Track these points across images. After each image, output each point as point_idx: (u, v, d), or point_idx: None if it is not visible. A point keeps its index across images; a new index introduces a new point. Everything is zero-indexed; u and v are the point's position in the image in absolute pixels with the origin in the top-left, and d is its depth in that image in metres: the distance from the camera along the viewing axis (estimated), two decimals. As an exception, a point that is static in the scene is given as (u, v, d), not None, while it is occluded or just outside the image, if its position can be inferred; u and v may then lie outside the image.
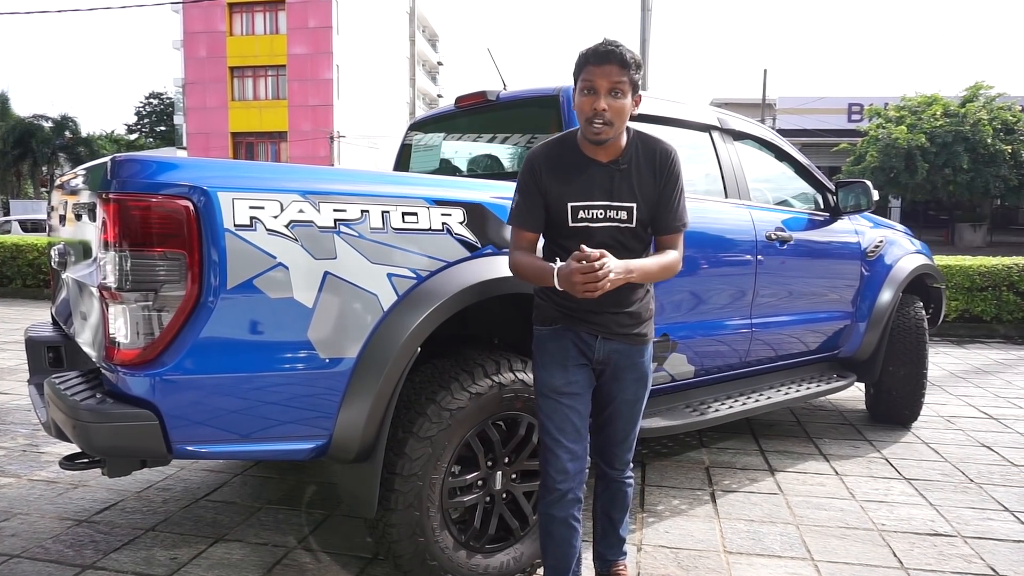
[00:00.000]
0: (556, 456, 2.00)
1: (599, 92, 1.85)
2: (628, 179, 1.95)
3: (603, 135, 1.87)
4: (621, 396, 2.07)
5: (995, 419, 4.65)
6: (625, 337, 2.01)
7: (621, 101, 1.86)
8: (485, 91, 3.30)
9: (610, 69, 1.84)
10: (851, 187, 3.92)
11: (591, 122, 1.86)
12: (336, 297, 1.99)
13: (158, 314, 1.82)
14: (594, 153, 1.95)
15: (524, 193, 1.99)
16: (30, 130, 34.85)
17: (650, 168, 1.96)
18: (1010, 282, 7.80)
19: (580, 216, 1.94)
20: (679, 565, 2.59)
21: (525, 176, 1.99)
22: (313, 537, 2.77)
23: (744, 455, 3.83)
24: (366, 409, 2.03)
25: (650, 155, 1.97)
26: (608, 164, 1.95)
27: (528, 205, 1.98)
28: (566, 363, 2.00)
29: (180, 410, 1.85)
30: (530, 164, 1.98)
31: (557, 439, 2.00)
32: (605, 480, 2.20)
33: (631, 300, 2.00)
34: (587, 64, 1.87)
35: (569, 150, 1.98)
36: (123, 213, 1.80)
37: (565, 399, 1.99)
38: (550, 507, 2.02)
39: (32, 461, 3.55)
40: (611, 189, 1.94)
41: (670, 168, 1.97)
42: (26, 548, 2.62)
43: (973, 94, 23.83)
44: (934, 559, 2.66)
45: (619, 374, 2.05)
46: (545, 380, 2.03)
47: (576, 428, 2.01)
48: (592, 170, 1.94)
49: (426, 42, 57.82)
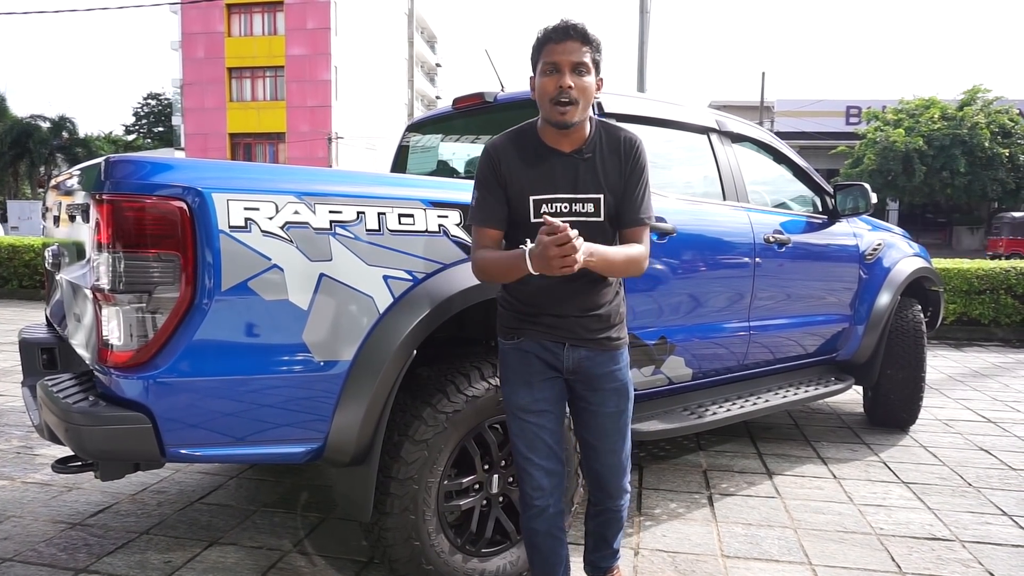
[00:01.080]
0: (529, 475, 1.93)
1: (562, 70, 1.74)
2: (593, 169, 1.83)
3: (569, 115, 1.75)
4: (602, 410, 1.94)
5: (993, 423, 4.64)
6: (594, 343, 1.89)
7: (586, 79, 1.76)
8: (483, 92, 3.29)
9: (572, 46, 1.75)
10: (849, 190, 3.91)
11: (556, 102, 1.74)
12: (331, 299, 1.98)
13: (152, 316, 1.81)
14: (556, 143, 1.83)
15: (484, 188, 1.86)
16: (27, 130, 34.82)
17: (615, 157, 1.85)
18: (1008, 285, 7.81)
19: (543, 211, 1.81)
20: (676, 569, 2.57)
21: (484, 169, 1.86)
22: (308, 541, 2.75)
23: (742, 458, 3.82)
24: (361, 412, 2.02)
25: (614, 144, 1.86)
26: (571, 154, 1.83)
27: (489, 200, 1.85)
28: (531, 379, 1.90)
29: (174, 413, 1.83)
30: (488, 156, 1.86)
31: (528, 458, 1.92)
32: (599, 508, 2.07)
33: (598, 302, 1.89)
34: (547, 43, 1.77)
35: (530, 140, 1.86)
36: (117, 214, 1.78)
37: (532, 417, 1.90)
38: (531, 521, 1.97)
39: (26, 463, 3.53)
40: (575, 180, 1.82)
41: (635, 157, 1.86)
42: (19, 551, 2.60)
43: (971, 97, 23.91)
44: (932, 563, 2.65)
45: (595, 384, 1.92)
46: (510, 398, 1.93)
47: (547, 445, 1.92)
48: (555, 161, 1.83)
49: (424, 44, 57.85)
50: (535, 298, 1.87)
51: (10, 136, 34.19)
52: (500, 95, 3.28)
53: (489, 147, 1.88)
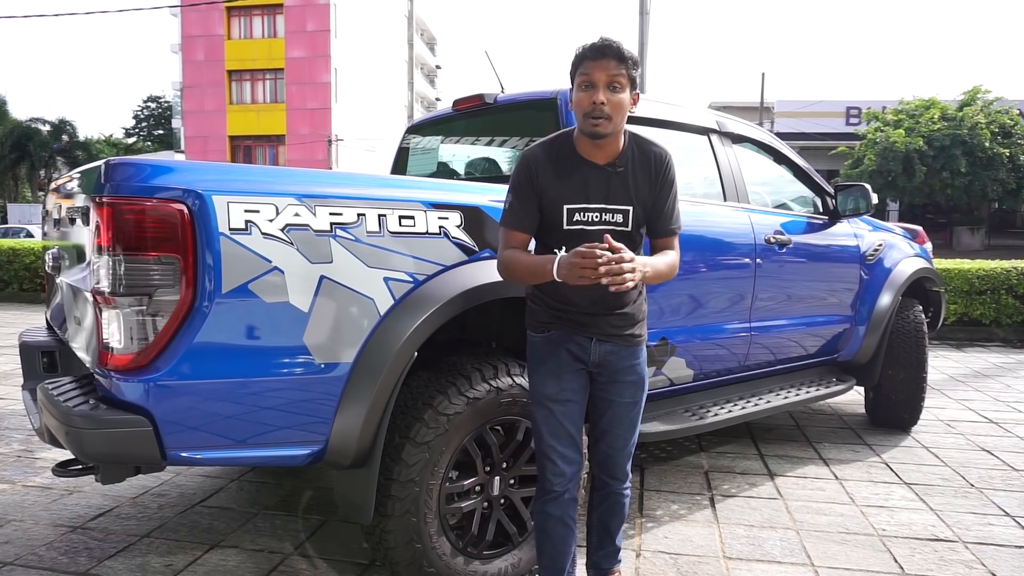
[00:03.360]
0: (552, 461, 2.03)
1: (597, 86, 1.84)
2: (624, 182, 1.93)
3: (602, 128, 1.85)
4: (619, 400, 2.05)
5: (995, 423, 4.63)
6: (619, 338, 2.00)
7: (620, 95, 1.85)
8: (483, 94, 3.29)
9: (607, 63, 1.84)
10: (850, 190, 3.91)
11: (589, 116, 1.85)
12: (332, 301, 1.98)
13: (152, 319, 1.80)
14: (591, 155, 1.93)
15: (518, 194, 1.95)
16: (28, 134, 34.87)
17: (645, 171, 1.96)
18: (1009, 285, 7.80)
19: (576, 219, 1.92)
20: (678, 571, 2.57)
21: (520, 176, 1.95)
22: (309, 543, 2.75)
23: (743, 459, 3.81)
24: (362, 414, 2.02)
25: (645, 158, 1.97)
26: (605, 167, 1.93)
27: (522, 206, 1.95)
28: (559, 370, 2.00)
29: (174, 416, 1.83)
30: (526, 164, 1.95)
31: (551, 445, 2.02)
32: (603, 492, 2.16)
33: (624, 302, 1.99)
34: (584, 60, 1.87)
35: (566, 151, 1.95)
36: (117, 217, 1.78)
37: (558, 406, 2.00)
38: (546, 505, 2.05)
39: (27, 467, 3.53)
40: (607, 192, 1.92)
41: (665, 172, 1.98)
42: (19, 555, 2.59)
43: (971, 98, 23.89)
44: (935, 565, 2.64)
45: (615, 376, 2.03)
46: (538, 388, 2.03)
47: (570, 434, 2.02)
48: (588, 172, 1.93)
49: (424, 46, 57.89)
50: (567, 297, 1.96)
51: (10, 139, 34.25)
52: (500, 96, 3.28)
53: (528, 156, 1.97)
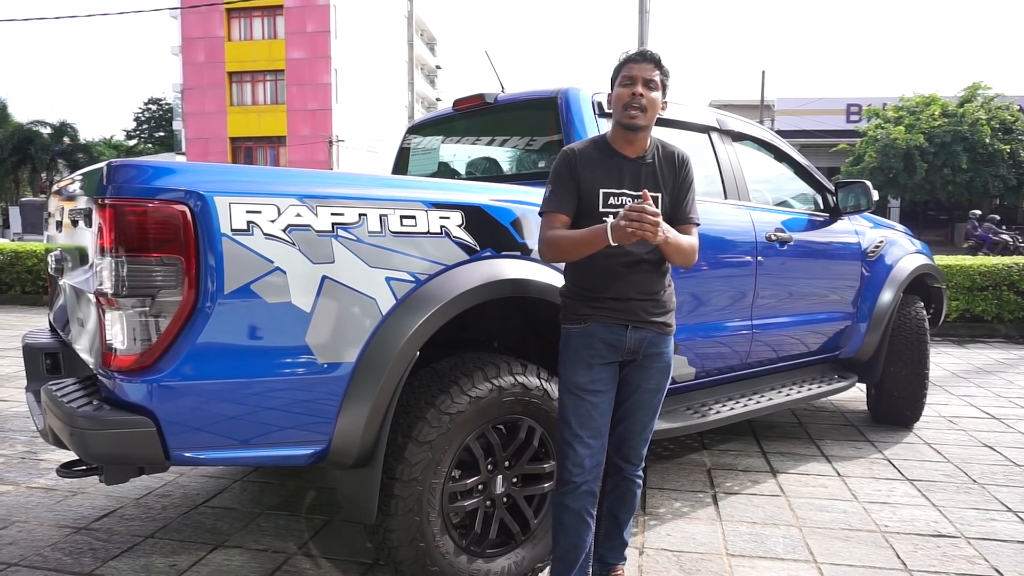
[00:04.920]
0: (574, 450, 2.08)
1: (636, 82, 2.07)
2: (652, 173, 2.14)
3: (638, 120, 2.05)
4: (645, 385, 2.15)
5: (997, 419, 4.63)
6: (653, 325, 2.12)
7: (654, 93, 2.08)
8: (483, 94, 3.30)
9: (647, 66, 2.09)
10: (851, 187, 3.91)
11: (628, 107, 2.05)
12: (334, 301, 1.98)
13: (155, 320, 1.81)
14: (623, 148, 2.12)
15: (559, 181, 2.12)
16: (29, 136, 34.88)
17: (670, 166, 2.17)
18: (1011, 281, 7.79)
19: (610, 202, 2.08)
20: (681, 568, 2.57)
21: (561, 166, 2.13)
22: (313, 543, 2.75)
23: (746, 457, 3.81)
24: (365, 414, 2.02)
25: (669, 157, 2.18)
26: (636, 159, 2.13)
27: (564, 191, 2.10)
28: (592, 361, 2.08)
29: (177, 416, 1.84)
30: (566, 156, 2.14)
31: (577, 434, 2.08)
32: (616, 478, 2.24)
33: (656, 287, 2.13)
34: (628, 62, 2.11)
35: (601, 146, 2.16)
36: (119, 218, 1.78)
37: (588, 395, 2.07)
38: (564, 497, 2.10)
39: (31, 468, 3.54)
40: (638, 180, 2.12)
41: (686, 170, 2.19)
42: (24, 556, 2.60)
43: (971, 94, 23.82)
44: (938, 561, 2.64)
45: (646, 362, 2.14)
46: (569, 377, 2.10)
47: (596, 425, 2.09)
48: (621, 163, 2.12)
49: (424, 46, 57.87)
50: (600, 283, 2.08)
51: (11, 142, 34.26)
52: (500, 96, 3.29)
53: (567, 150, 2.17)
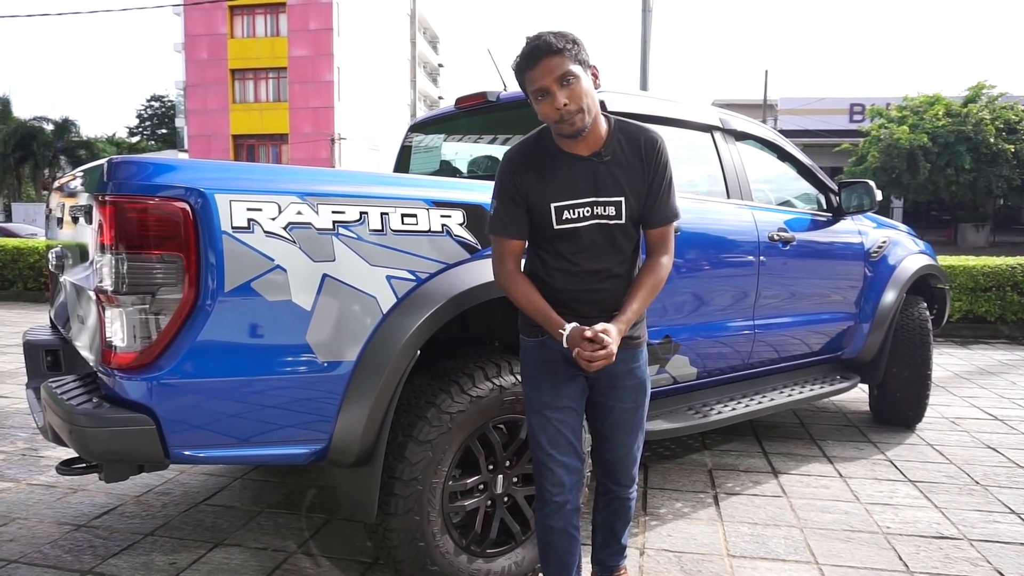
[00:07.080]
0: (551, 471, 1.94)
1: (551, 91, 1.73)
2: (613, 172, 1.83)
3: (578, 124, 1.75)
4: (619, 406, 1.97)
5: (1000, 420, 4.62)
6: None
7: (576, 86, 1.73)
8: (485, 92, 3.28)
9: (547, 64, 1.72)
10: (854, 187, 3.90)
11: (561, 122, 1.75)
12: (335, 300, 1.98)
13: (155, 317, 1.80)
14: (573, 147, 1.82)
15: (503, 199, 1.86)
16: (31, 133, 34.91)
17: (636, 158, 1.84)
18: (1014, 282, 7.77)
19: (565, 216, 1.82)
20: (682, 569, 2.56)
21: (503, 180, 1.86)
22: (313, 541, 2.75)
23: (747, 457, 3.81)
24: (365, 413, 2.01)
25: (634, 145, 1.85)
26: (590, 157, 1.82)
27: (508, 211, 1.85)
28: (555, 378, 1.91)
29: (177, 414, 1.83)
30: (506, 166, 1.86)
31: (550, 454, 1.93)
32: (608, 497, 2.10)
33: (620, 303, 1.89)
34: (523, 72, 1.77)
35: (546, 147, 1.85)
36: (119, 215, 1.78)
37: (556, 414, 1.91)
38: (547, 518, 1.98)
39: (31, 465, 3.54)
40: (596, 184, 1.82)
41: (657, 156, 1.85)
42: (24, 553, 2.60)
43: (975, 94, 23.79)
44: (940, 562, 2.63)
45: (615, 382, 1.94)
46: (534, 396, 1.94)
47: (569, 441, 1.94)
48: (573, 165, 1.82)
49: (427, 44, 57.85)
50: (560, 301, 1.86)
51: (14, 139, 34.29)
52: (503, 94, 3.28)
53: (507, 158, 1.88)
